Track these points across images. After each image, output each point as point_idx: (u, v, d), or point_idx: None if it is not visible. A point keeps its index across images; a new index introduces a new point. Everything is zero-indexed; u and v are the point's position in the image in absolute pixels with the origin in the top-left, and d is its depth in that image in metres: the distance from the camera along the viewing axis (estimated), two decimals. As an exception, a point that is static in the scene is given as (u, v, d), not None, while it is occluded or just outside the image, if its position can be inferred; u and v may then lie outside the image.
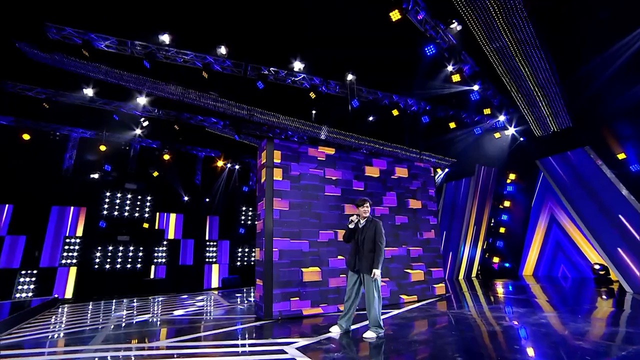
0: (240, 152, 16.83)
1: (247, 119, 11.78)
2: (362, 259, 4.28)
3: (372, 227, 4.36)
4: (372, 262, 4.21)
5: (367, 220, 4.44)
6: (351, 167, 6.97)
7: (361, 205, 4.50)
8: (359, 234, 4.41)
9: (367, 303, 4.16)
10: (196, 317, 6.14)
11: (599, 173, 8.41)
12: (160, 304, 8.48)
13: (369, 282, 4.21)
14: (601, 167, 8.34)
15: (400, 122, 11.14)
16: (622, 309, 5.95)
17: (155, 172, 13.64)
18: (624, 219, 7.98)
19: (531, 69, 6.97)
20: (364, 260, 4.27)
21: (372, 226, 4.36)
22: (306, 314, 5.63)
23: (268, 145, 6.12)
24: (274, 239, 5.64)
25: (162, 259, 12.89)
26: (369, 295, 4.17)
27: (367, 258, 4.24)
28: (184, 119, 13.18)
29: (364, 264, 4.26)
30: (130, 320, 6.19)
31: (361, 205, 4.50)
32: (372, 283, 4.18)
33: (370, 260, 4.23)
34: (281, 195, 5.93)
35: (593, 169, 8.53)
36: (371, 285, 4.18)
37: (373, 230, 4.33)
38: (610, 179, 8.16)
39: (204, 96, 10.69)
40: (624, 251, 7.94)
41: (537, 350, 3.47)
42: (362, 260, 4.28)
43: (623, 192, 7.96)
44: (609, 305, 6.30)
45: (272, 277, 5.47)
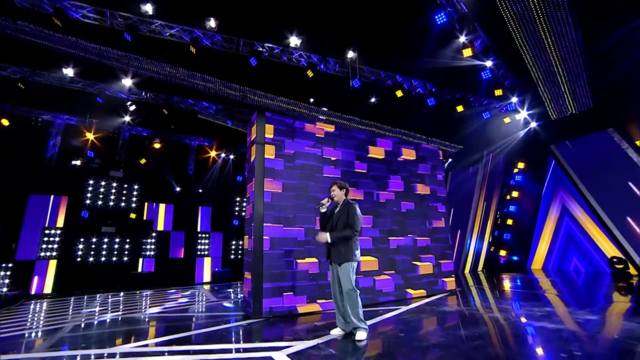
0: (234, 142, 16.04)
1: (240, 102, 10.97)
2: (335, 247, 3.61)
3: (345, 210, 3.68)
4: (344, 250, 3.53)
5: (342, 206, 3.76)
6: (353, 146, 6.22)
7: (330, 187, 3.88)
8: (333, 220, 3.74)
9: (345, 298, 3.51)
10: (177, 315, 5.41)
11: (623, 157, 7.69)
12: (144, 299, 7.77)
13: (342, 274, 3.53)
14: (627, 151, 7.62)
15: (404, 105, 10.37)
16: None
17: (142, 160, 12.84)
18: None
19: (554, 38, 6.20)
20: (334, 248, 3.61)
21: (346, 209, 3.67)
22: (301, 311, 4.91)
23: (259, 119, 5.35)
24: (264, 225, 4.90)
25: (150, 251, 12.15)
26: (345, 289, 3.49)
27: (339, 246, 3.57)
28: (174, 103, 12.35)
29: (335, 253, 3.60)
30: (102, 318, 5.46)
31: (330, 188, 3.88)
32: (347, 274, 3.48)
33: (342, 247, 3.55)
34: (273, 176, 5.18)
35: (617, 153, 7.81)
36: (345, 277, 3.49)
37: (345, 213, 3.64)
38: (637, 163, 7.45)
39: (194, 75, 9.87)
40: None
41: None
42: (335, 247, 3.61)
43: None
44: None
45: (262, 269, 4.74)
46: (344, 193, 3.83)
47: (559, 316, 4.27)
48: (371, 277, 5.75)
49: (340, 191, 3.81)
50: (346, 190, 3.85)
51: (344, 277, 3.50)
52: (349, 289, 3.46)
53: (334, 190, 3.82)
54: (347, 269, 3.50)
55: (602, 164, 8.05)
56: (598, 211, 8.17)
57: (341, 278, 3.53)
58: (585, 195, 8.54)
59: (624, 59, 6.69)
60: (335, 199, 3.79)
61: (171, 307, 6.21)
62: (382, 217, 6.16)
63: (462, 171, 12.25)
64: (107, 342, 3.83)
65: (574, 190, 10.81)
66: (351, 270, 3.51)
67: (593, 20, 6.29)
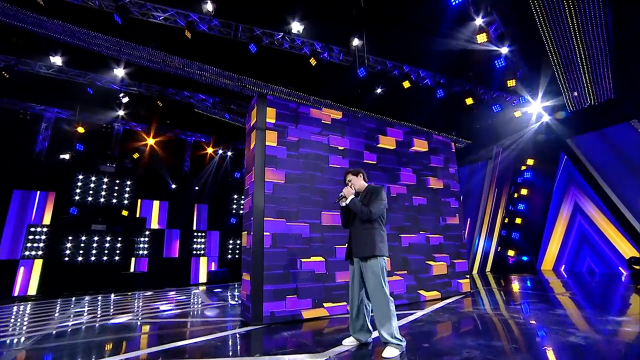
0: (232, 138, 15.51)
1: (239, 93, 10.42)
2: (355, 240, 3.03)
3: (367, 194, 3.12)
4: (369, 240, 2.93)
5: (365, 189, 3.20)
6: (362, 135, 5.69)
7: (345, 178, 3.32)
8: (354, 213, 3.13)
9: (374, 304, 2.89)
10: (170, 321, 4.86)
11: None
12: (135, 301, 7.20)
13: (368, 273, 2.91)
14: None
15: (410, 97, 9.86)
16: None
17: (136, 154, 12.27)
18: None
19: (581, 20, 5.72)
20: (357, 241, 3.01)
21: (369, 193, 3.11)
22: (306, 316, 4.37)
23: (259, 102, 4.81)
24: (265, 219, 4.36)
25: (143, 250, 11.58)
26: (373, 291, 2.87)
27: (361, 237, 2.98)
28: (169, 95, 11.78)
29: (358, 246, 2.99)
30: (87, 322, 4.90)
31: (345, 178, 3.32)
32: (375, 273, 2.87)
33: (365, 238, 2.95)
34: (275, 165, 4.64)
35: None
36: (373, 277, 2.87)
37: (367, 197, 3.08)
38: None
39: (190, 64, 9.32)
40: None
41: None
42: (355, 242, 3.03)
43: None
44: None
45: (262, 269, 4.19)
46: (361, 178, 3.28)
47: (607, 326, 3.76)
48: (382, 278, 5.21)
49: (357, 177, 3.26)
50: (363, 175, 3.31)
51: (372, 276, 2.89)
52: (378, 293, 2.84)
53: (350, 179, 3.25)
54: (375, 266, 2.91)
55: (624, 158, 7.56)
56: (620, 208, 7.67)
57: (367, 278, 2.93)
58: (605, 191, 8.05)
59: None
60: (356, 188, 3.21)
61: (164, 311, 5.65)
62: (393, 212, 5.63)
63: (470, 167, 11.75)
64: (87, 353, 3.28)
65: (587, 187, 10.33)
66: (380, 270, 2.91)
67: (625, 5, 5.80)
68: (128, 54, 9.07)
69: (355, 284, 3.08)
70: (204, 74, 9.45)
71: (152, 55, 9.06)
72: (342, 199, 3.14)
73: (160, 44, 8.73)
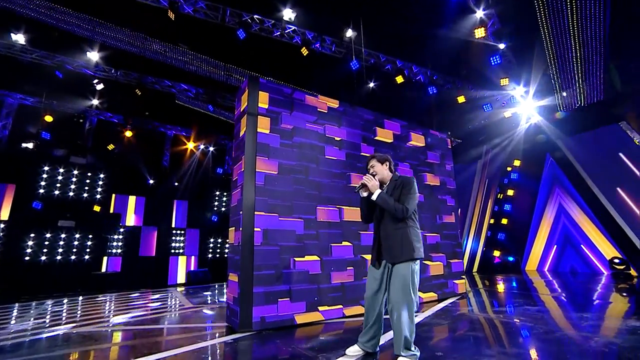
0: (214, 132, 14.86)
1: (224, 83, 9.87)
2: (386, 241, 2.61)
3: (397, 187, 2.66)
4: (405, 242, 2.53)
5: (392, 181, 2.74)
6: (359, 126, 5.35)
7: (367, 164, 2.86)
8: (380, 209, 2.70)
9: (394, 309, 2.47)
10: (145, 328, 4.31)
11: (636, 150, 7.28)
12: (107, 305, 6.54)
13: (398, 278, 2.49)
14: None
15: (402, 93, 9.65)
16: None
17: (111, 146, 11.43)
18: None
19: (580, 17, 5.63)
20: (388, 242, 2.59)
21: (398, 186, 2.66)
22: (300, 321, 3.96)
23: (251, 85, 4.37)
24: (255, 213, 3.92)
25: (117, 249, 10.77)
26: (399, 299, 2.45)
27: (395, 238, 2.56)
28: (148, 84, 11.04)
29: (392, 249, 2.57)
30: (35, 334, 4.28)
31: (367, 165, 2.85)
32: (406, 278, 2.48)
33: (399, 239, 2.55)
34: (268, 154, 4.21)
35: (629, 147, 7.41)
36: (403, 282, 2.47)
37: (398, 191, 2.64)
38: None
39: (172, 49, 8.69)
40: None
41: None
42: (386, 243, 2.61)
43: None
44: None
45: (252, 269, 3.75)
46: (387, 167, 2.80)
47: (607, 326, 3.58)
48: (379, 279, 4.88)
49: (382, 165, 2.78)
50: (389, 164, 2.82)
51: (402, 282, 2.47)
52: (404, 299, 2.44)
53: (374, 165, 2.79)
54: (407, 271, 2.49)
55: (612, 159, 7.63)
56: (608, 209, 7.73)
57: (396, 283, 2.49)
58: (594, 192, 8.10)
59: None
60: (378, 177, 2.74)
61: (138, 316, 5.06)
62: (390, 209, 5.31)
63: (460, 167, 11.70)
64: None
65: (571, 188, 10.48)
66: (413, 274, 2.51)
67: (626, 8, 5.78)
68: (103, 35, 8.34)
69: (375, 289, 2.65)
70: (188, 60, 8.85)
71: (131, 37, 8.38)
72: (362, 188, 2.68)
73: (140, 25, 8.07)
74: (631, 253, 8.60)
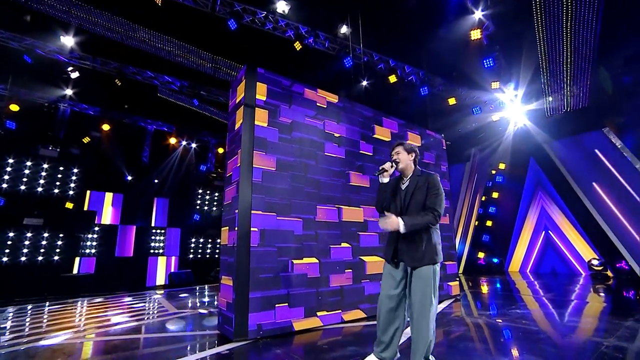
0: (198, 128, 14.29)
1: (210, 76, 9.43)
2: (407, 240, 2.40)
3: (423, 184, 2.45)
4: (429, 245, 2.36)
5: (414, 177, 2.52)
6: (358, 123, 5.16)
7: (393, 149, 2.62)
8: (400, 199, 2.51)
9: (415, 315, 2.30)
10: (123, 339, 3.90)
11: (618, 156, 7.52)
12: (77, 311, 6.00)
13: (420, 283, 2.32)
14: (622, 151, 7.46)
15: (394, 92, 9.57)
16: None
17: (86, 138, 10.69)
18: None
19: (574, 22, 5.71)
20: (409, 242, 2.39)
21: (424, 183, 2.45)
22: (298, 328, 3.71)
23: (248, 76, 4.07)
24: (252, 212, 3.63)
25: (91, 249, 10.08)
26: (421, 303, 2.28)
27: (419, 240, 2.37)
28: (129, 74, 10.39)
29: (415, 252, 2.37)
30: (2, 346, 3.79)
31: (393, 150, 2.62)
32: (429, 283, 2.30)
33: (423, 241, 2.36)
34: (265, 149, 3.93)
35: (612, 153, 7.65)
36: (425, 287, 2.30)
37: (424, 188, 2.43)
38: (633, 163, 7.28)
39: (158, 37, 8.17)
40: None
41: None
42: (407, 242, 2.40)
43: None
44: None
45: (248, 273, 3.46)
46: (412, 158, 2.57)
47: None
48: (377, 282, 4.71)
49: (408, 155, 2.55)
50: (415, 155, 2.60)
51: (424, 287, 2.29)
52: (426, 305, 2.27)
53: (399, 152, 2.56)
54: (430, 275, 2.31)
55: (595, 164, 7.87)
56: (591, 211, 7.95)
57: (417, 289, 2.32)
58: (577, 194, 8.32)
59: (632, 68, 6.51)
60: (400, 166, 2.53)
61: (115, 324, 4.61)
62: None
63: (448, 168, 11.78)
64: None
65: (554, 192, 10.79)
66: (435, 276, 2.34)
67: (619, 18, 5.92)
68: (80, 17, 7.73)
69: (394, 295, 2.44)
70: (173, 50, 8.36)
71: (112, 22, 7.82)
72: (382, 172, 2.47)
73: (122, 9, 7.53)
74: (608, 255, 8.93)
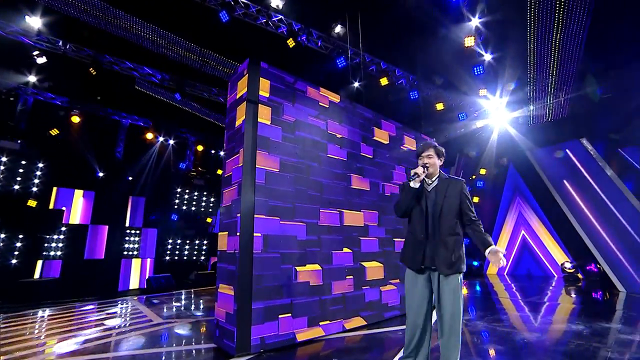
0: (176, 124, 13.63)
1: (198, 70, 8.97)
2: (438, 246, 2.29)
3: (454, 189, 2.36)
4: (459, 253, 2.27)
5: (441, 180, 2.43)
6: (359, 124, 5.03)
7: (424, 151, 2.48)
8: (427, 202, 2.40)
9: (447, 328, 2.19)
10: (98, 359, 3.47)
11: (595, 166, 7.94)
12: (38, 323, 5.40)
13: (451, 291, 2.22)
14: (596, 158, 7.89)
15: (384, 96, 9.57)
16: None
17: (54, 130, 9.83)
18: (619, 215, 7.57)
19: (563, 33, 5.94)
20: (440, 248, 2.28)
21: (455, 188, 2.36)
22: (301, 339, 3.50)
23: (251, 70, 3.81)
24: (255, 216, 3.38)
25: (56, 251, 9.26)
26: (452, 318, 2.18)
27: (447, 245, 2.27)
28: (105, 63, 9.64)
29: (446, 259, 2.25)
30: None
31: (424, 152, 2.47)
32: (459, 292, 2.22)
33: (453, 249, 2.25)
34: (268, 148, 3.69)
35: (589, 162, 8.07)
36: (456, 296, 2.20)
37: (457, 195, 2.34)
38: (608, 174, 7.71)
39: (141, 25, 7.62)
40: (618, 248, 7.53)
41: None
42: (437, 248, 2.29)
43: (620, 188, 7.54)
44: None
45: (251, 282, 3.21)
46: (440, 163, 2.49)
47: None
48: (377, 288, 4.60)
49: (438, 160, 2.47)
50: (443, 160, 2.53)
51: (455, 300, 2.20)
52: (457, 317, 2.19)
53: (430, 156, 2.43)
54: (458, 285, 2.24)
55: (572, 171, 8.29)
56: (568, 217, 8.35)
57: (447, 302, 2.21)
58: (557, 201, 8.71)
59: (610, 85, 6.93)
60: (430, 170, 2.43)
61: (86, 339, 4.07)
62: (387, 213, 5.07)
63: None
64: None
65: (531, 198, 11.29)
66: (460, 287, 2.26)
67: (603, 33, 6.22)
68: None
69: (424, 302, 2.32)
70: (158, 40, 7.84)
71: (88, 4, 7.19)
72: (415, 177, 2.35)
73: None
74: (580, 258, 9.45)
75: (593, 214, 8.03)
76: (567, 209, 8.37)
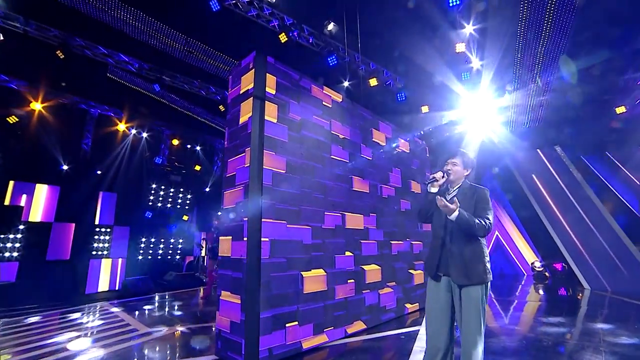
0: (150, 115, 12.84)
1: (181, 61, 8.47)
2: (453, 254, 2.25)
3: (471, 197, 2.32)
4: (480, 262, 2.22)
5: (462, 188, 2.39)
6: (359, 125, 4.95)
7: (451, 158, 2.43)
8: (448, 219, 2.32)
9: (468, 340, 2.14)
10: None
11: (567, 173, 8.48)
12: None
13: (472, 303, 2.17)
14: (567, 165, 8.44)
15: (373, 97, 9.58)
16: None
17: (13, 117, 8.88)
18: (587, 218, 8.13)
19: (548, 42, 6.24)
20: (455, 256, 2.23)
21: (473, 195, 2.33)
22: (306, 346, 3.37)
23: (258, 65, 3.59)
24: (263, 220, 3.19)
25: (12, 252, 8.39)
26: (473, 325, 2.14)
27: (463, 253, 2.22)
28: (75, 47, 8.83)
29: (464, 268, 2.21)
30: None
31: (450, 159, 2.43)
32: (481, 305, 2.17)
33: (472, 257, 2.21)
34: (275, 148, 3.50)
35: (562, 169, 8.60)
36: (477, 310, 2.15)
37: (472, 200, 2.30)
38: (577, 179, 8.26)
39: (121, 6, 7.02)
40: (584, 248, 8.10)
41: None
42: (452, 256, 2.25)
43: (588, 193, 8.10)
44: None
45: (259, 290, 3.03)
46: (466, 174, 2.42)
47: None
48: (376, 291, 4.57)
49: (464, 170, 2.40)
50: (471, 171, 2.45)
51: (476, 308, 2.14)
52: (481, 330, 2.14)
53: (455, 164, 2.38)
54: (479, 297, 2.16)
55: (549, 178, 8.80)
56: (542, 219, 8.88)
57: (469, 310, 2.15)
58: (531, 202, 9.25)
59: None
60: (452, 177, 2.37)
61: (70, 353, 3.64)
62: (385, 216, 5.06)
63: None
64: None
65: (505, 201, 11.91)
66: (483, 298, 2.18)
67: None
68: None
69: (443, 312, 2.26)
70: (139, 26, 7.28)
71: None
72: (433, 181, 2.31)
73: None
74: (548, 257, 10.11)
75: (562, 215, 8.59)
76: (540, 211, 8.88)
